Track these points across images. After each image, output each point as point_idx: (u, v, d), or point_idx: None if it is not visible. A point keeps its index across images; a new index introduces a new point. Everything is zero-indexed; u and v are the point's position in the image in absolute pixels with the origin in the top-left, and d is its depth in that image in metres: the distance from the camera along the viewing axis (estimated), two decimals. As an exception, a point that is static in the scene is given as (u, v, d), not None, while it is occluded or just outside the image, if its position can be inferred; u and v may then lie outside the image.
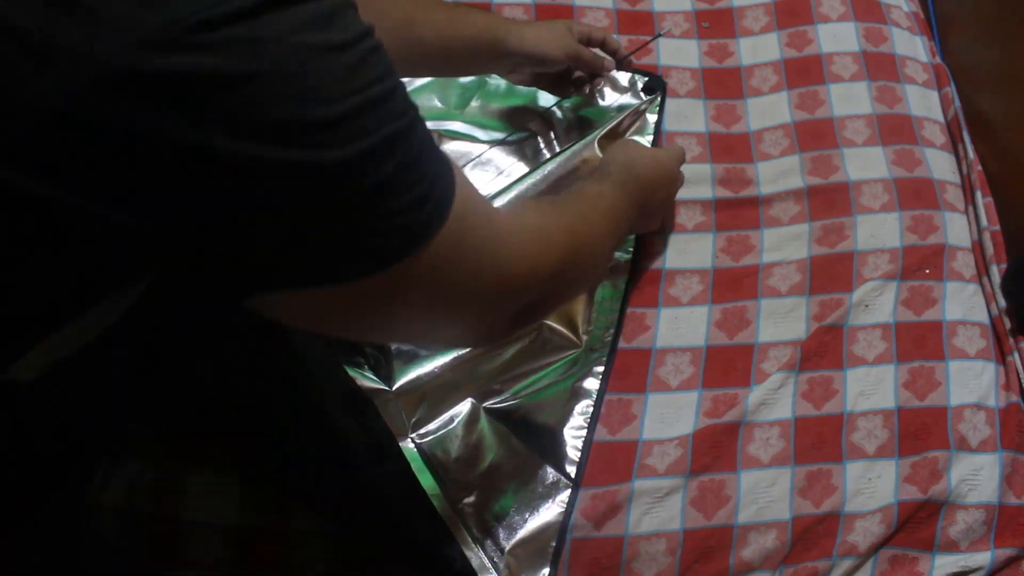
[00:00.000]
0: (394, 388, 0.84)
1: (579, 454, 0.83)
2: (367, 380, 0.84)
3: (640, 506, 0.81)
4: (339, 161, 0.40)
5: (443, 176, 0.47)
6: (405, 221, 0.44)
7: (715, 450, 0.84)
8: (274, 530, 0.79)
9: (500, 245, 0.53)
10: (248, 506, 0.79)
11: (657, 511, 0.81)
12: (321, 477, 0.76)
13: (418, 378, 0.85)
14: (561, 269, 0.59)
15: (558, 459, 0.83)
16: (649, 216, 0.88)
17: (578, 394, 0.87)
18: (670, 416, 0.86)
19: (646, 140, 1.01)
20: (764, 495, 0.82)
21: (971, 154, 1.00)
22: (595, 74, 0.98)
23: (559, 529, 0.80)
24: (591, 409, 0.86)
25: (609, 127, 1.00)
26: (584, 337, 0.90)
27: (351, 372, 0.84)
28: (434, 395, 0.85)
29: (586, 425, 0.85)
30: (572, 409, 0.86)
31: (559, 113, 1.03)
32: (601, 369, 0.88)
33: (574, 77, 0.98)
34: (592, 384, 0.87)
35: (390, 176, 0.42)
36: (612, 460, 0.83)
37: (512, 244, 0.54)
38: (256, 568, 0.79)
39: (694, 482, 0.82)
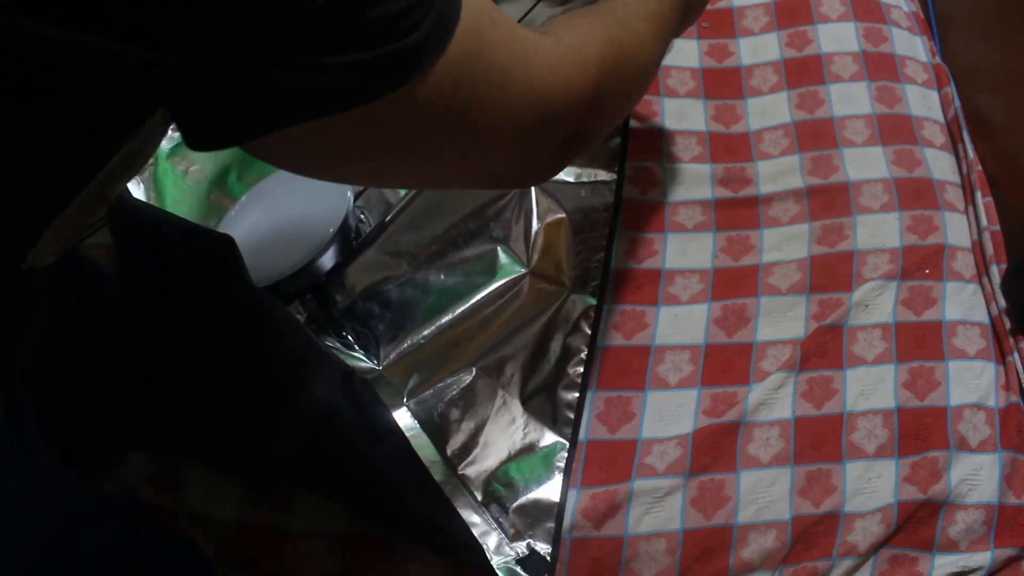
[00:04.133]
0: (382, 366, 0.85)
1: (573, 413, 0.84)
2: (355, 360, 0.84)
3: (640, 506, 0.81)
4: None
5: None
6: (398, 33, 0.38)
7: (715, 450, 0.84)
8: (274, 529, 0.79)
9: (527, 64, 0.47)
10: (248, 504, 0.79)
11: (657, 511, 0.81)
12: (323, 465, 0.76)
13: (406, 349, 0.85)
14: (602, 87, 0.53)
15: (554, 419, 0.84)
16: (694, 8, 0.79)
17: (568, 351, 0.87)
18: (669, 414, 0.86)
19: None
20: (764, 495, 0.82)
21: (971, 154, 1.00)
22: None
23: (561, 489, 0.80)
24: (582, 367, 0.86)
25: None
26: (570, 276, 0.89)
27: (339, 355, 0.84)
28: (425, 364, 0.85)
29: (578, 381, 0.85)
30: (563, 368, 0.86)
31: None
32: (588, 332, 0.87)
33: None
34: (580, 340, 0.87)
35: None
36: (612, 459, 0.83)
37: (540, 63, 0.48)
38: (256, 567, 0.79)
39: (694, 482, 0.82)
